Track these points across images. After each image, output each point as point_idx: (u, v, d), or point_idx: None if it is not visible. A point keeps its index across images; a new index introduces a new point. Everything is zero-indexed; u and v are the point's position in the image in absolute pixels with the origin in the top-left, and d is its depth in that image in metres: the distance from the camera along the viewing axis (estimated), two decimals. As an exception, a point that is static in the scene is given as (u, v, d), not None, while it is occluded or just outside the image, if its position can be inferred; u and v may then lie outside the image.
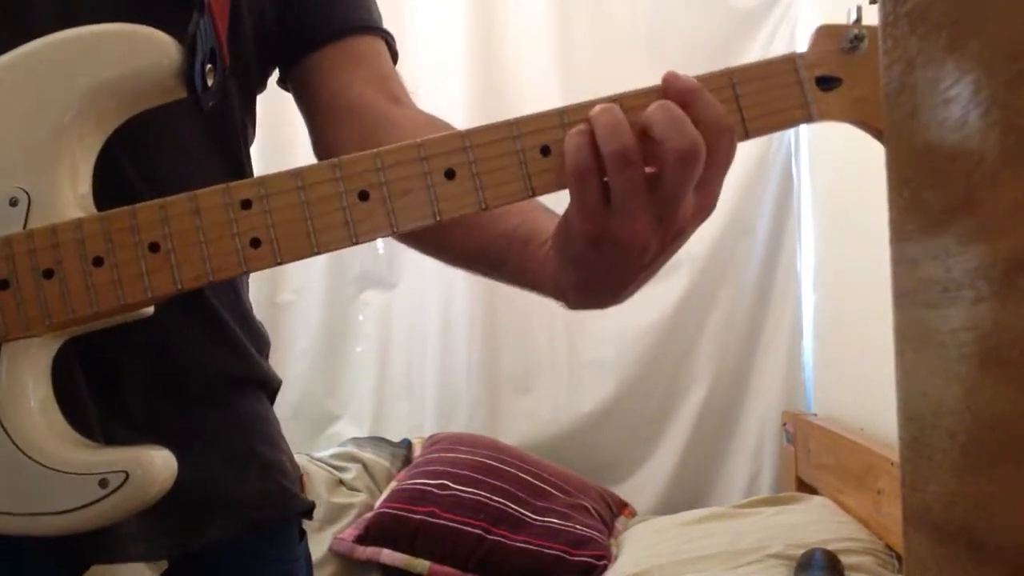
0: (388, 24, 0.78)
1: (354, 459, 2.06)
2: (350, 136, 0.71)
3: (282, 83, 0.76)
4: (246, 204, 0.51)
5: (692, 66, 0.56)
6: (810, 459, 2.03)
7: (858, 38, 0.54)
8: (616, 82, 0.55)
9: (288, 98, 0.79)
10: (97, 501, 0.50)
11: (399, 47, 0.78)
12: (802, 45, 0.56)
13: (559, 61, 2.28)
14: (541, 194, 0.53)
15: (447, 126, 0.70)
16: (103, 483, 0.51)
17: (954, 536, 0.26)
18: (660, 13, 2.24)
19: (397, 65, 0.77)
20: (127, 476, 0.51)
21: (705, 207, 0.52)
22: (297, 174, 0.52)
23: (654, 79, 0.53)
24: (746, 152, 2.24)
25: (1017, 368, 0.22)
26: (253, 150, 0.75)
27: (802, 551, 1.55)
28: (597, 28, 2.28)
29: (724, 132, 0.51)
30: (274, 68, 0.74)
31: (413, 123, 0.70)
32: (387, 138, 0.67)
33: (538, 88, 2.23)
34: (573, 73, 2.26)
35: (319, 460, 2.04)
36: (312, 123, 0.74)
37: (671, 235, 0.52)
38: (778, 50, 2.18)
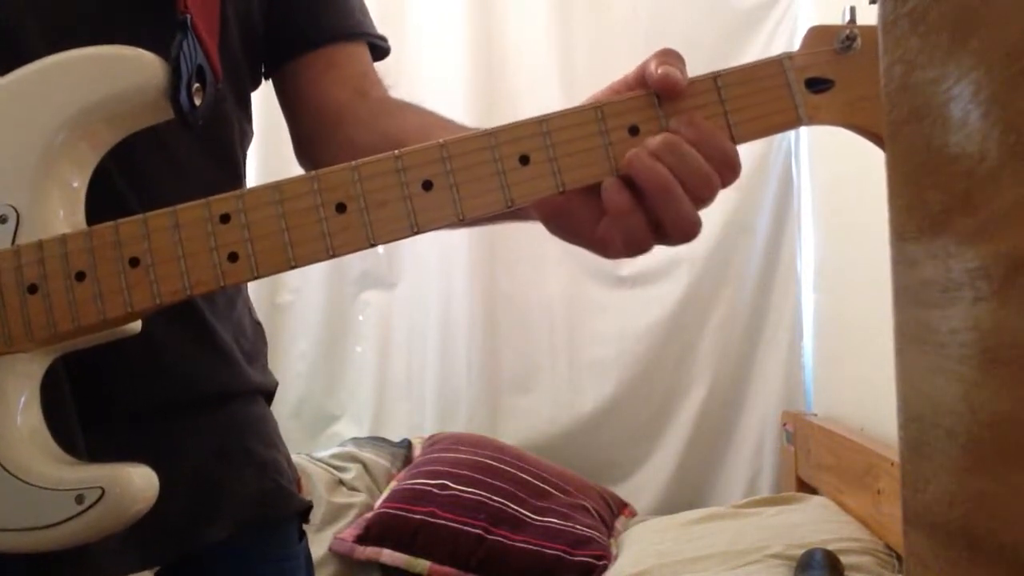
0: (390, 25, 0.78)
1: (354, 459, 2.06)
2: (318, 136, 0.72)
3: (265, 77, 0.76)
4: (225, 218, 0.51)
5: (692, 66, 0.56)
6: (810, 459, 2.03)
7: (850, 38, 0.52)
8: (616, 82, 0.54)
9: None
10: (73, 518, 0.50)
11: (401, 49, 0.79)
12: (802, 45, 0.55)
13: (559, 61, 2.28)
14: (520, 204, 0.52)
15: (409, 108, 0.71)
16: (79, 499, 0.50)
17: (954, 536, 0.26)
18: (660, 13, 2.24)
19: (398, 66, 0.78)
20: (103, 493, 0.50)
21: None
22: (276, 187, 0.51)
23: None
24: (746, 152, 2.23)
25: (1017, 368, 0.22)
26: (253, 147, 0.76)
27: (802, 551, 1.55)
28: (597, 28, 2.28)
29: None
30: (260, 68, 0.75)
31: (378, 111, 0.71)
32: (349, 132, 0.70)
33: (538, 88, 2.24)
34: (573, 73, 2.26)
35: (319, 460, 2.04)
36: (289, 125, 0.76)
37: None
38: (778, 50, 2.17)
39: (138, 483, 0.52)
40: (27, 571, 0.57)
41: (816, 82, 0.53)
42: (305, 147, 0.75)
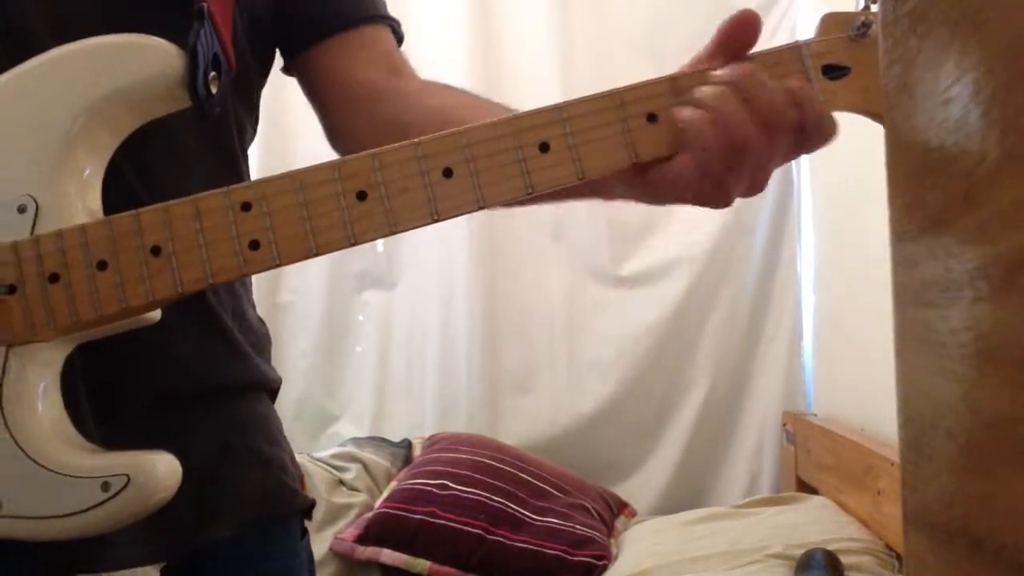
0: None
1: (354, 459, 2.06)
2: (357, 115, 0.72)
3: (286, 71, 0.76)
4: (246, 206, 0.51)
5: (692, 66, 0.56)
6: (810, 459, 2.03)
7: (866, 25, 0.53)
8: (616, 82, 0.55)
9: (288, 93, 0.79)
10: (99, 505, 0.51)
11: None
12: (802, 45, 0.55)
13: (559, 61, 2.28)
14: (540, 191, 0.52)
15: (447, 88, 0.71)
16: (105, 487, 0.51)
17: (954, 536, 0.26)
18: (660, 13, 2.24)
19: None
20: (128, 480, 0.51)
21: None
22: (296, 175, 0.52)
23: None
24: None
25: (1017, 368, 0.22)
26: (255, 143, 0.76)
27: (802, 551, 1.55)
28: (597, 28, 2.28)
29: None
30: (271, 62, 0.75)
31: (419, 89, 0.71)
32: (392, 111, 0.69)
33: (538, 88, 2.23)
34: (573, 73, 2.26)
35: (319, 460, 2.04)
36: (319, 109, 0.75)
37: None
38: (778, 50, 2.17)
39: (162, 470, 0.52)
40: (42, 559, 0.57)
41: (832, 68, 0.53)
42: (341, 131, 0.74)
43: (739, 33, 0.53)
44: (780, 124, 0.51)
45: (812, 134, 0.52)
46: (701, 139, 0.51)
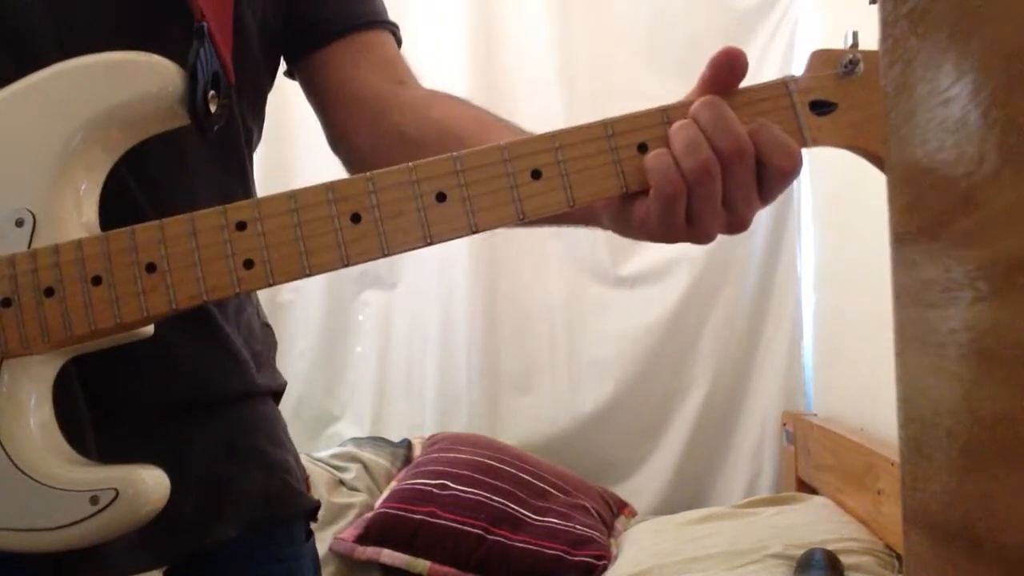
0: None
1: (354, 459, 2.06)
2: (360, 123, 0.72)
3: (289, 74, 0.76)
4: (241, 226, 0.52)
5: (692, 66, 0.56)
6: (810, 459, 2.03)
7: (853, 62, 0.53)
8: (616, 82, 0.55)
9: (288, 94, 0.79)
10: (87, 518, 0.51)
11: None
12: (802, 45, 0.56)
13: (559, 61, 2.27)
14: (532, 218, 0.53)
15: (449, 98, 0.72)
16: (93, 500, 0.51)
17: (954, 536, 0.26)
18: (660, 13, 2.24)
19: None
20: (117, 494, 0.51)
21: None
22: (291, 196, 0.52)
23: (654, 79, 0.54)
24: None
25: (1017, 368, 0.22)
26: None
27: (802, 551, 1.55)
28: (597, 28, 2.28)
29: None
30: (278, 67, 0.75)
31: (422, 101, 0.72)
32: (396, 120, 0.70)
33: (538, 88, 2.23)
34: (573, 73, 2.25)
35: (319, 460, 2.04)
36: (322, 114, 0.75)
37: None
38: (778, 50, 2.17)
39: (151, 484, 0.53)
40: (40, 569, 0.57)
41: (820, 104, 0.54)
42: (343, 137, 0.74)
43: (724, 72, 0.53)
44: (738, 153, 0.52)
45: (773, 169, 0.54)
46: (663, 174, 0.52)
